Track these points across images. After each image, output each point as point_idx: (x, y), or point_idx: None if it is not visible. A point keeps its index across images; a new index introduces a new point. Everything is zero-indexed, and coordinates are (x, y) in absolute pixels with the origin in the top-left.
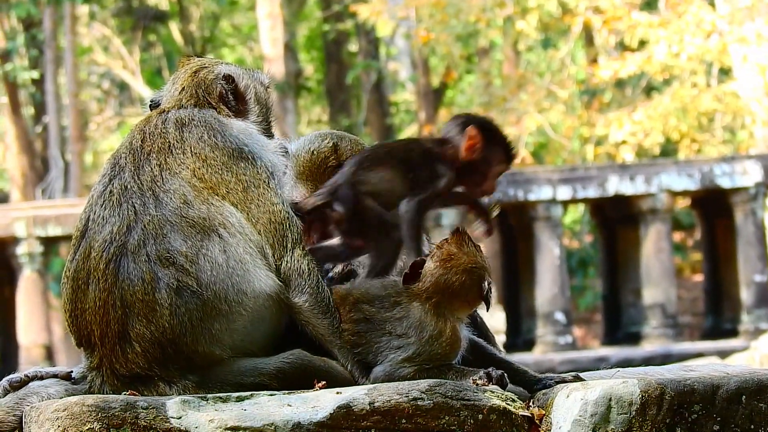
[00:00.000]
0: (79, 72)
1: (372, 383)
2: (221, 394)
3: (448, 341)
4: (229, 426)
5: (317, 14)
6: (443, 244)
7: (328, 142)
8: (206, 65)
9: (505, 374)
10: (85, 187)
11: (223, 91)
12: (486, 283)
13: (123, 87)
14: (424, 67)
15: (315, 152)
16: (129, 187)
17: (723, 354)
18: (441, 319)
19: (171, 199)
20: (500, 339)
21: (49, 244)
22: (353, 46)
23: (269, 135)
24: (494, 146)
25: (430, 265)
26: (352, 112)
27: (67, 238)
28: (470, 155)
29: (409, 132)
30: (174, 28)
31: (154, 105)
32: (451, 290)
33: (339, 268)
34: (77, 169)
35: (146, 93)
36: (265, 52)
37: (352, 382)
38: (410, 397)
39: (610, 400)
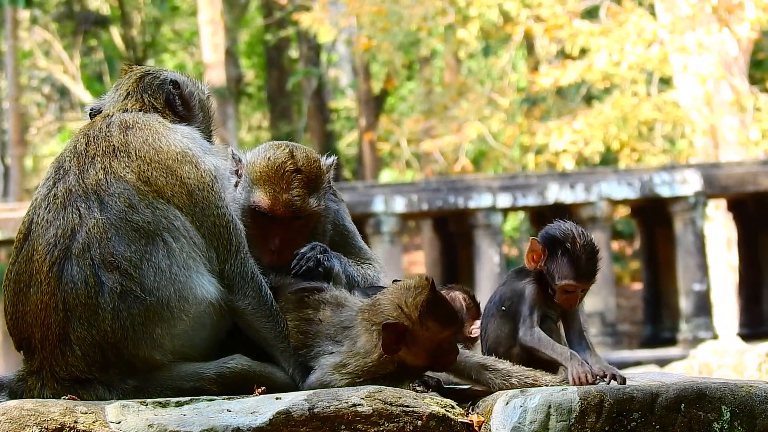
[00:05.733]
0: (20, 76)
1: (306, 390)
2: (161, 399)
3: (374, 363)
4: (168, 431)
5: (258, 21)
6: (408, 279)
7: (284, 149)
8: (151, 72)
9: (441, 381)
10: (26, 191)
11: (171, 96)
12: (395, 323)
13: (64, 92)
14: (365, 73)
15: (272, 158)
16: (74, 190)
17: (661, 363)
18: (375, 342)
19: (116, 202)
20: None
21: None
22: (294, 53)
23: (210, 141)
24: (566, 261)
25: (385, 289)
26: (293, 119)
27: (6, 242)
28: (532, 265)
29: (349, 138)
30: (115, 33)
31: (95, 113)
32: (376, 315)
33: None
34: (17, 174)
35: (87, 98)
36: (206, 57)
37: (292, 388)
38: (350, 403)
39: (549, 407)
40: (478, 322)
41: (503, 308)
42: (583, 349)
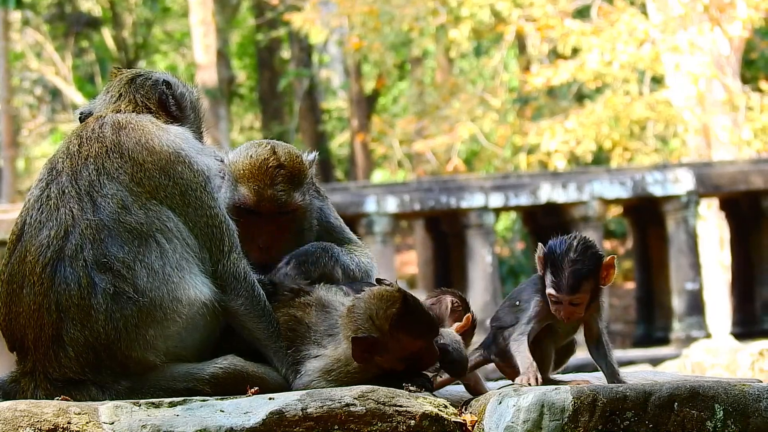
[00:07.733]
0: (12, 78)
1: None
2: (154, 400)
3: (356, 369)
4: (161, 431)
5: (250, 21)
6: (382, 286)
7: (266, 146)
8: (142, 73)
9: (431, 379)
10: (18, 193)
11: (164, 96)
12: (364, 338)
13: (55, 93)
14: (357, 74)
15: (254, 156)
16: (66, 191)
17: (655, 362)
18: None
19: (109, 203)
20: None
21: None
22: (286, 53)
23: (201, 142)
24: (550, 271)
25: (363, 293)
26: (285, 119)
27: None
28: (541, 271)
29: (341, 139)
30: (107, 34)
31: (85, 116)
32: (352, 323)
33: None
34: (9, 175)
35: (79, 99)
36: (197, 58)
37: (285, 388)
38: (343, 403)
39: (543, 406)
40: (458, 324)
41: (517, 303)
42: (601, 357)
